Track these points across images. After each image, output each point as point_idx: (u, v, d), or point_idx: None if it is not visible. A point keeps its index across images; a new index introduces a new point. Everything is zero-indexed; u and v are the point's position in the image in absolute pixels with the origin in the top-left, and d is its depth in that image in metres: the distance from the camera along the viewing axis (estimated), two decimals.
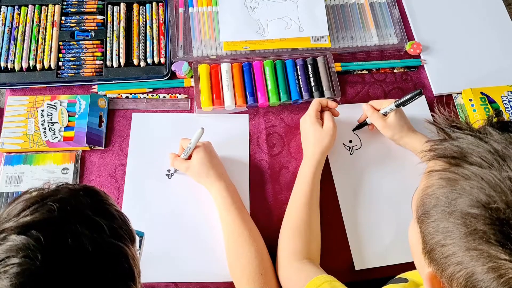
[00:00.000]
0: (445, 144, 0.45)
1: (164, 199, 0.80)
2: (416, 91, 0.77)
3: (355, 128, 0.88)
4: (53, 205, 0.41)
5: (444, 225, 0.42)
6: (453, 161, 0.43)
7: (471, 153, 0.42)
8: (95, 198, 0.46)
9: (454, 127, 0.46)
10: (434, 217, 0.43)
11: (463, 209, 0.40)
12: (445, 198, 0.42)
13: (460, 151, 0.43)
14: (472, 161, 0.41)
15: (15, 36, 0.90)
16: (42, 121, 0.83)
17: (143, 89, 0.89)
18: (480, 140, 0.42)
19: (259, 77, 0.90)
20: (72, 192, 0.45)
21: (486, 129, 0.43)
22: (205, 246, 0.76)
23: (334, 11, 0.99)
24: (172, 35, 0.92)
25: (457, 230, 0.40)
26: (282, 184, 0.83)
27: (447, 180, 0.43)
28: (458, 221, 0.40)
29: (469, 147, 0.42)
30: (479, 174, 0.40)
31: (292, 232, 0.73)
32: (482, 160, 0.41)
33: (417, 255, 0.49)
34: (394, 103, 0.80)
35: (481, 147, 0.42)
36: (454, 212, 0.41)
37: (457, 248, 0.40)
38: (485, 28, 1.01)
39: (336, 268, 0.73)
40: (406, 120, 0.82)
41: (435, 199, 0.44)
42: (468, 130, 0.44)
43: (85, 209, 0.43)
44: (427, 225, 0.44)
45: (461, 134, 0.44)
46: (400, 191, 0.82)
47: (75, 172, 0.80)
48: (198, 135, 0.75)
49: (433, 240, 0.43)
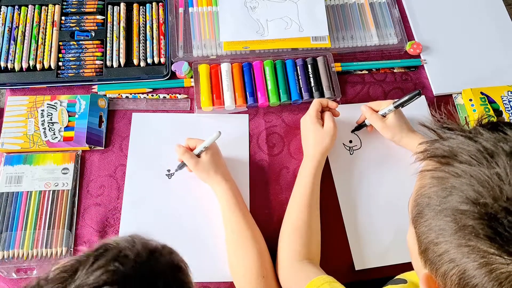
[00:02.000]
0: (436, 145, 0.46)
1: (164, 199, 0.80)
2: (414, 92, 0.77)
3: (353, 130, 0.88)
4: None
5: (436, 223, 0.42)
6: (444, 160, 0.44)
7: (461, 152, 0.42)
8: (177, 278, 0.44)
9: (445, 128, 0.46)
10: (427, 216, 0.44)
11: (453, 206, 0.40)
12: (436, 197, 0.43)
13: (451, 151, 0.43)
14: (462, 159, 0.42)
15: (15, 36, 0.90)
16: (42, 121, 0.83)
17: (143, 89, 0.89)
18: (470, 139, 0.43)
19: (259, 77, 0.90)
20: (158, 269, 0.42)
21: (476, 129, 0.44)
22: (205, 246, 0.77)
23: (334, 11, 0.99)
24: (172, 35, 0.92)
25: (448, 227, 0.41)
26: (282, 184, 0.83)
27: (438, 179, 0.43)
28: (448, 218, 0.41)
29: (459, 147, 0.43)
30: (468, 172, 0.40)
31: (292, 233, 0.73)
32: (472, 158, 0.41)
33: (414, 257, 0.49)
34: (393, 104, 0.80)
35: (471, 146, 0.42)
36: (445, 210, 0.41)
37: (449, 246, 0.41)
38: (485, 28, 1.01)
39: (336, 268, 0.74)
40: (405, 120, 0.82)
41: (427, 198, 0.44)
42: (458, 131, 0.45)
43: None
44: (421, 225, 0.45)
45: (452, 134, 0.45)
46: (400, 191, 0.82)
47: (75, 172, 0.80)
48: (214, 138, 0.74)
49: (426, 239, 0.44)
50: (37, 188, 0.78)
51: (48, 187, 0.79)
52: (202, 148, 0.76)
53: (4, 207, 0.76)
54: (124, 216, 0.78)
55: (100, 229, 0.77)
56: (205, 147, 0.76)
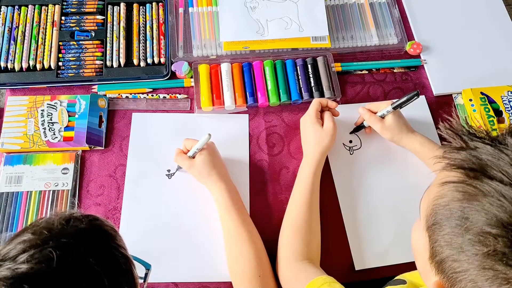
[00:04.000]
0: (462, 154, 0.42)
1: (164, 199, 0.80)
2: (413, 93, 0.77)
3: (352, 131, 0.88)
4: (53, 253, 0.39)
5: (458, 240, 0.40)
6: (472, 173, 0.41)
7: (491, 166, 0.40)
8: (102, 242, 0.44)
9: (472, 134, 0.43)
10: (447, 230, 0.42)
11: (481, 227, 0.38)
12: (460, 212, 0.40)
13: (480, 163, 0.41)
14: (492, 175, 0.39)
15: (15, 36, 0.90)
16: (42, 121, 0.83)
17: (143, 89, 0.89)
18: (500, 151, 0.40)
19: (259, 77, 0.90)
20: (78, 235, 0.42)
21: (506, 139, 0.41)
22: (205, 246, 0.77)
23: (334, 11, 0.99)
24: (172, 35, 0.92)
25: (472, 247, 0.39)
26: (282, 184, 0.83)
27: (464, 193, 0.41)
28: (474, 238, 0.39)
29: (489, 159, 0.40)
30: (499, 191, 0.38)
31: (292, 232, 0.73)
32: (503, 175, 0.38)
33: (421, 260, 0.48)
34: (391, 105, 0.80)
35: (502, 160, 0.39)
36: (471, 229, 0.39)
37: (471, 266, 0.39)
38: (485, 28, 1.01)
39: (336, 268, 0.74)
40: (404, 121, 0.82)
41: (449, 211, 0.42)
42: (487, 140, 0.42)
43: (88, 257, 0.41)
44: (439, 237, 0.43)
45: (479, 143, 0.42)
46: (400, 191, 0.82)
47: (75, 172, 0.80)
48: (205, 140, 0.74)
49: (444, 253, 0.42)
50: (37, 188, 0.78)
51: (48, 187, 0.79)
52: (196, 150, 0.76)
53: (4, 207, 0.77)
54: (124, 216, 0.78)
55: None
56: (198, 149, 0.76)
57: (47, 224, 0.42)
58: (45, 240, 0.40)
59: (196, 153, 0.76)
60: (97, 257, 0.41)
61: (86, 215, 0.45)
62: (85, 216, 0.45)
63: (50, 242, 0.40)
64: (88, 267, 0.40)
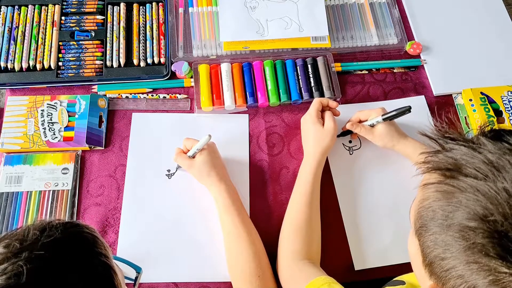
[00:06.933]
0: (439, 156, 0.45)
1: (164, 199, 0.80)
2: (405, 108, 0.77)
3: (339, 135, 0.86)
4: (23, 267, 0.37)
5: (443, 238, 0.42)
6: (448, 173, 0.43)
7: (465, 165, 0.42)
8: (79, 251, 0.42)
9: (447, 137, 0.45)
10: (432, 230, 0.43)
11: (460, 222, 0.40)
12: (442, 211, 0.42)
13: (455, 163, 0.43)
14: (467, 172, 0.41)
15: (15, 36, 0.90)
16: (42, 121, 0.83)
17: (143, 89, 0.89)
18: (473, 150, 0.42)
19: (259, 77, 0.90)
20: (52, 246, 0.40)
21: (479, 139, 0.43)
22: (205, 246, 0.77)
23: (334, 11, 0.99)
24: (172, 35, 0.92)
25: (456, 243, 0.40)
26: (282, 184, 0.83)
27: (443, 192, 0.43)
28: (456, 234, 0.40)
29: (463, 158, 0.42)
30: (474, 186, 0.40)
31: (293, 232, 0.73)
32: (477, 172, 0.40)
33: (417, 266, 0.48)
34: (381, 117, 0.79)
35: (475, 158, 0.41)
36: (452, 226, 0.41)
37: (457, 262, 0.40)
38: (485, 28, 1.01)
39: (336, 268, 0.74)
40: (396, 127, 0.82)
41: (432, 212, 0.43)
42: (461, 141, 0.44)
43: (61, 270, 0.39)
44: (426, 238, 0.44)
45: (454, 145, 0.44)
46: (399, 191, 0.82)
47: (75, 172, 0.80)
48: (205, 140, 0.75)
49: (432, 253, 0.43)
50: (37, 188, 0.78)
51: (48, 187, 0.79)
52: (195, 150, 0.76)
53: (4, 207, 0.77)
54: (124, 216, 0.78)
55: (100, 229, 0.77)
56: (198, 149, 0.76)
57: (20, 236, 0.41)
58: (16, 253, 0.39)
59: (196, 153, 0.77)
60: (72, 269, 0.40)
61: (64, 223, 0.43)
62: (63, 224, 0.43)
63: (22, 255, 0.38)
64: (61, 279, 0.39)
